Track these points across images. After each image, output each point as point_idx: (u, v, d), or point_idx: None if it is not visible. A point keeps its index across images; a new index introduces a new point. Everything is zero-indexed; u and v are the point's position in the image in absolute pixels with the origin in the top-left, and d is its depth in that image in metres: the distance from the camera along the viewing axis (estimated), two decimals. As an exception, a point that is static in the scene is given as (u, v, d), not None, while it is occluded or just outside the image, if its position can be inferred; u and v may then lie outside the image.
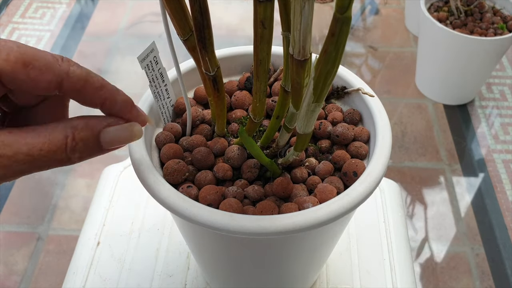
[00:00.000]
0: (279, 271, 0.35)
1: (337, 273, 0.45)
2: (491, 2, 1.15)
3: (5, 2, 1.60)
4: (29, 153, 0.21)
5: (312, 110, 0.24)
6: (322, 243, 0.34)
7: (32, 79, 0.21)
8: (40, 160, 0.22)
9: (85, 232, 0.49)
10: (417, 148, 1.15)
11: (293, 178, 0.31)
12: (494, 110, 1.24)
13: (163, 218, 0.49)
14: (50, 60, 0.21)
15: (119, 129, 0.24)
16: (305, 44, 0.21)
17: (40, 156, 0.22)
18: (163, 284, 0.44)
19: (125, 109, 0.25)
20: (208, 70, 0.27)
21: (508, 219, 1.01)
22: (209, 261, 0.37)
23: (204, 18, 0.24)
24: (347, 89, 0.35)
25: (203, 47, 0.25)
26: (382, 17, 1.54)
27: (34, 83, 0.21)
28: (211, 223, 0.26)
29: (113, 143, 0.24)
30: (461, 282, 0.92)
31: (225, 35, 1.47)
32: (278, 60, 0.37)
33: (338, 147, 0.33)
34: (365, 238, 0.47)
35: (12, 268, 0.91)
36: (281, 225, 0.26)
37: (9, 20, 1.54)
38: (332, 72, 0.21)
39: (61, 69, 0.22)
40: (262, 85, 0.28)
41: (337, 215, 0.26)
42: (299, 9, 0.20)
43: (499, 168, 1.11)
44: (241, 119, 0.34)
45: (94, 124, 0.23)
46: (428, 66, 1.21)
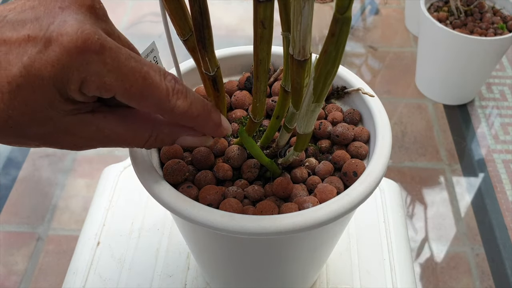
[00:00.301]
0: (279, 271, 0.35)
1: (337, 273, 0.45)
2: (491, 2, 1.15)
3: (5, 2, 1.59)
4: (116, 141, 0.24)
5: (312, 110, 0.24)
6: (322, 243, 0.34)
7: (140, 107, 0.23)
8: (119, 145, 0.25)
9: (85, 232, 0.49)
10: (417, 148, 1.15)
11: (293, 178, 0.31)
12: (494, 110, 1.24)
13: (163, 218, 0.49)
14: (163, 98, 0.23)
15: (195, 140, 0.27)
16: (305, 44, 0.21)
17: (124, 143, 0.25)
18: (163, 284, 0.44)
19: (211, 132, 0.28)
20: (208, 70, 0.27)
21: (508, 219, 1.01)
22: (209, 261, 0.37)
23: (203, 18, 0.24)
24: (347, 89, 0.35)
25: (202, 47, 0.25)
26: (382, 17, 1.54)
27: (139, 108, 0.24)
28: (211, 223, 0.26)
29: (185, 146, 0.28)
30: (461, 282, 0.92)
31: (224, 35, 1.47)
32: (278, 60, 0.37)
33: (338, 147, 0.33)
34: (365, 238, 0.47)
35: (12, 268, 0.91)
36: (281, 225, 0.26)
37: (9, 20, 1.53)
38: (332, 72, 0.21)
39: (168, 105, 0.24)
40: (262, 85, 0.28)
41: (337, 215, 0.26)
42: (299, 9, 0.20)
43: (499, 168, 1.11)
44: (241, 119, 0.34)
45: (176, 132, 0.26)
46: (428, 66, 1.21)
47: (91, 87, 0.21)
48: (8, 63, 0.20)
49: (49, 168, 1.07)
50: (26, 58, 0.20)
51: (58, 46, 0.20)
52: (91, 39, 0.20)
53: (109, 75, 0.21)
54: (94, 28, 0.21)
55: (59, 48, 0.20)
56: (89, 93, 0.22)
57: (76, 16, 0.21)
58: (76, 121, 0.22)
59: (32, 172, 1.06)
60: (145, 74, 0.22)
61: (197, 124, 0.26)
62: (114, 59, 0.21)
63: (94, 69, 0.21)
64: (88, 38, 0.20)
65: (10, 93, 0.20)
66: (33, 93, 0.20)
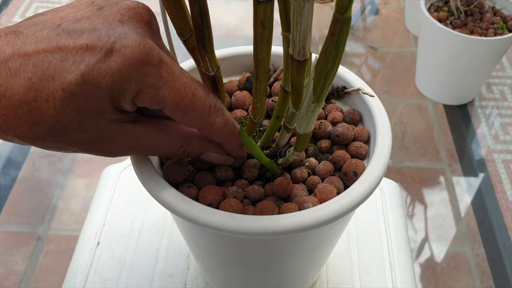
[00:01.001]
0: (279, 271, 0.35)
1: (337, 273, 0.45)
2: (491, 2, 1.15)
3: (5, 2, 1.60)
4: (149, 149, 0.26)
5: (312, 110, 0.24)
6: (322, 243, 0.34)
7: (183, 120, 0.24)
8: (152, 153, 0.27)
9: (85, 232, 0.49)
10: (417, 148, 1.15)
11: (293, 178, 0.31)
12: (494, 110, 1.24)
13: (163, 218, 0.49)
14: (206, 113, 0.25)
15: (218, 157, 0.29)
16: (305, 44, 0.21)
17: (155, 152, 0.26)
18: (163, 284, 0.44)
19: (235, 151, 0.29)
20: (208, 71, 0.27)
21: (508, 219, 1.01)
22: (209, 261, 0.37)
23: (203, 18, 0.24)
24: (347, 89, 0.35)
25: (203, 47, 0.25)
26: (382, 17, 1.54)
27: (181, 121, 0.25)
28: (211, 223, 0.26)
29: (207, 161, 0.29)
30: (461, 282, 0.92)
31: (224, 35, 1.47)
32: (278, 60, 0.37)
33: (338, 147, 0.33)
34: (365, 238, 0.47)
35: (12, 268, 0.91)
36: (281, 225, 0.26)
37: (9, 20, 1.54)
38: (332, 72, 0.21)
39: (209, 121, 0.25)
40: (262, 85, 0.28)
41: (337, 215, 0.26)
42: (299, 9, 0.20)
43: (499, 168, 1.11)
44: (241, 119, 0.34)
45: (204, 147, 0.28)
46: (428, 66, 1.21)
47: (145, 98, 0.22)
48: (63, 70, 0.20)
49: (49, 168, 1.07)
50: (83, 66, 0.20)
51: (120, 57, 0.21)
52: (152, 53, 0.21)
53: (164, 88, 0.22)
54: (153, 43, 0.22)
55: (121, 59, 0.21)
56: (141, 104, 0.23)
57: (136, 30, 0.22)
58: (118, 130, 0.23)
59: (32, 172, 1.06)
60: (194, 90, 0.24)
61: (226, 141, 0.28)
62: (170, 74, 0.22)
63: (151, 82, 0.22)
64: (150, 52, 0.21)
65: (63, 100, 0.20)
66: (86, 101, 0.21)
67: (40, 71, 0.20)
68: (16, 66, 0.20)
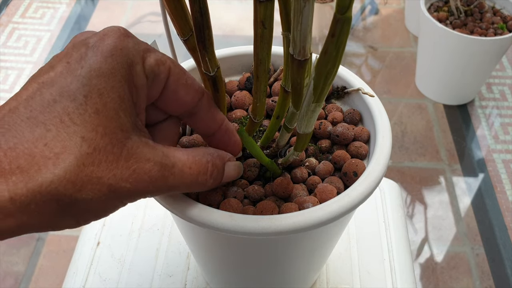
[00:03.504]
0: (279, 271, 0.35)
1: (337, 273, 0.45)
2: (491, 2, 1.15)
3: (5, 2, 1.60)
4: (182, 169, 0.23)
5: (312, 110, 0.24)
6: (322, 243, 0.34)
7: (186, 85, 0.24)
8: (186, 179, 0.23)
9: (85, 232, 0.49)
10: (417, 148, 1.15)
11: (293, 178, 0.31)
12: (494, 110, 1.24)
13: (163, 218, 0.49)
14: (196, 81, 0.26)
15: (236, 165, 0.27)
16: (305, 44, 0.21)
17: (188, 174, 0.23)
18: (163, 284, 0.44)
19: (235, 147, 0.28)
20: (208, 71, 0.27)
21: (508, 219, 1.01)
22: (209, 261, 0.37)
23: (204, 18, 0.24)
24: (347, 89, 0.35)
25: (203, 47, 0.25)
26: (382, 17, 1.54)
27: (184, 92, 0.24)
28: (211, 223, 0.26)
29: (228, 178, 0.27)
30: (461, 282, 0.92)
31: (224, 35, 1.47)
32: (278, 60, 0.37)
33: (338, 147, 0.33)
34: (365, 238, 0.47)
35: (12, 268, 0.91)
36: (281, 225, 0.26)
37: (9, 20, 1.54)
38: (332, 72, 0.21)
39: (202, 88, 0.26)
40: (262, 85, 0.28)
41: (337, 215, 0.26)
42: (299, 9, 0.20)
43: (499, 168, 1.11)
44: (241, 119, 0.34)
45: (223, 155, 0.26)
46: (428, 66, 1.21)
47: (151, 61, 0.22)
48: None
49: (49, 168, 1.07)
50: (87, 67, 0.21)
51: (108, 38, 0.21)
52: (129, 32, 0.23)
53: (157, 52, 0.23)
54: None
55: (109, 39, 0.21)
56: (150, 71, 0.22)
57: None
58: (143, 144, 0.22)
59: (32, 172, 1.06)
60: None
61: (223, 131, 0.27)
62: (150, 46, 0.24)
63: (145, 46, 0.23)
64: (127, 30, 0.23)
65: None
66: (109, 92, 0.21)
67: None
68: None
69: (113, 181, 0.20)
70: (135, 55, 0.22)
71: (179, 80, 0.24)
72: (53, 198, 0.19)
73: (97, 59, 0.21)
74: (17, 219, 0.18)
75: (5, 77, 1.36)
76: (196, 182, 0.24)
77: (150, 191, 0.22)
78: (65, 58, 0.21)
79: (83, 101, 0.20)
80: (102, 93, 0.20)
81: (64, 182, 0.19)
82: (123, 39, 0.22)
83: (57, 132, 0.19)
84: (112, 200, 0.21)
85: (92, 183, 0.20)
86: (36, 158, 0.19)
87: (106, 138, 0.20)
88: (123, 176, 0.21)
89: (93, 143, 0.20)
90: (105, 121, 0.20)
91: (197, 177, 0.24)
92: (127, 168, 0.21)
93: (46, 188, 0.19)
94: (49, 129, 0.19)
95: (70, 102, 0.20)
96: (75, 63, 0.21)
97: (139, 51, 0.22)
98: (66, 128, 0.19)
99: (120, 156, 0.21)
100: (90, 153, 0.20)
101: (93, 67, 0.21)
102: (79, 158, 0.19)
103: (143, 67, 0.22)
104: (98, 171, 0.20)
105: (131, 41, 0.22)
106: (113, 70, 0.21)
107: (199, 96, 0.25)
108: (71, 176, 0.19)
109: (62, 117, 0.19)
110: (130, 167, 0.21)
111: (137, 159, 0.21)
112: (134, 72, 0.22)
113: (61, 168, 0.19)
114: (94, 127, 0.20)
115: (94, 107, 0.20)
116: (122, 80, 0.21)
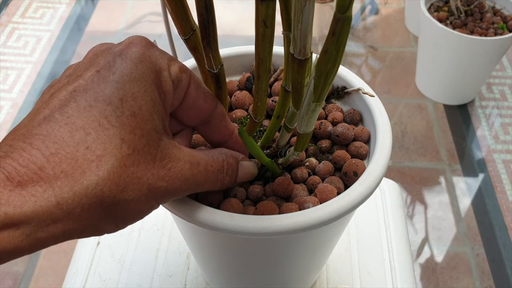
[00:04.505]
0: (279, 271, 0.35)
1: (337, 273, 0.45)
2: (491, 2, 1.15)
3: (5, 2, 1.59)
4: (205, 167, 0.24)
5: (312, 110, 0.24)
6: (322, 243, 0.34)
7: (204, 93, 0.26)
8: (210, 177, 0.25)
9: (85, 232, 0.49)
10: (417, 148, 1.15)
11: (293, 178, 0.31)
12: (494, 110, 1.24)
13: (163, 218, 0.49)
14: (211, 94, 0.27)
15: (249, 165, 0.28)
16: (305, 44, 0.21)
17: (211, 172, 0.25)
18: (163, 284, 0.44)
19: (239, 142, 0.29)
20: (211, 68, 0.27)
21: (508, 219, 1.01)
22: (209, 261, 0.37)
23: (209, 14, 0.24)
24: (347, 89, 0.35)
25: (207, 44, 0.25)
26: (382, 17, 1.54)
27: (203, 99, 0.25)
28: (211, 223, 0.26)
29: (244, 177, 0.28)
30: (461, 282, 0.92)
31: (223, 35, 1.47)
32: (278, 60, 0.37)
33: (338, 147, 0.33)
34: (365, 238, 0.47)
35: (11, 268, 0.91)
36: (281, 225, 0.25)
37: (9, 20, 1.54)
38: (333, 72, 0.21)
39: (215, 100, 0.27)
40: (263, 84, 0.28)
41: (337, 215, 0.26)
42: (300, 8, 0.20)
43: (499, 168, 1.11)
44: (241, 119, 0.34)
45: (235, 154, 0.27)
46: (428, 66, 1.21)
47: (175, 69, 0.23)
48: None
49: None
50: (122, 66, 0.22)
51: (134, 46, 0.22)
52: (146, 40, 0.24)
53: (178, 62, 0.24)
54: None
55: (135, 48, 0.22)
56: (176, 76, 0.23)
57: None
58: (172, 145, 0.23)
59: (32, 172, 1.06)
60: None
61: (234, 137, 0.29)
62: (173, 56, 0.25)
63: (169, 56, 0.24)
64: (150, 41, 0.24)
65: None
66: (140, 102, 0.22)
67: None
68: None
69: (152, 181, 0.21)
70: (162, 63, 0.23)
71: (198, 88, 0.25)
72: (97, 201, 0.19)
73: (128, 66, 0.21)
74: (64, 225, 0.19)
75: (5, 77, 1.36)
76: (216, 179, 0.25)
77: (183, 189, 0.23)
78: (92, 67, 0.21)
79: (119, 104, 0.20)
80: (137, 96, 0.21)
81: (108, 184, 0.19)
82: (149, 48, 0.23)
83: (97, 135, 0.20)
84: (150, 200, 0.22)
85: (134, 183, 0.20)
86: (79, 162, 0.19)
87: (143, 139, 0.21)
88: (160, 175, 0.22)
89: (132, 144, 0.20)
90: (141, 123, 0.21)
91: (217, 175, 0.25)
92: (163, 168, 0.22)
93: (92, 191, 0.19)
94: (89, 132, 0.20)
95: (107, 106, 0.20)
96: (105, 71, 0.21)
97: (164, 59, 0.23)
98: (105, 131, 0.20)
99: (156, 156, 0.21)
100: (130, 154, 0.20)
101: (125, 72, 0.21)
102: (120, 159, 0.20)
103: (170, 73, 0.23)
104: (138, 171, 0.21)
105: (157, 49, 0.23)
106: (144, 75, 0.22)
107: (215, 104, 0.26)
108: (115, 177, 0.20)
109: (100, 121, 0.20)
110: (165, 166, 0.22)
111: (170, 159, 0.22)
112: (162, 78, 0.22)
113: (104, 170, 0.19)
114: (132, 129, 0.20)
115: (130, 109, 0.21)
116: (153, 85, 0.22)
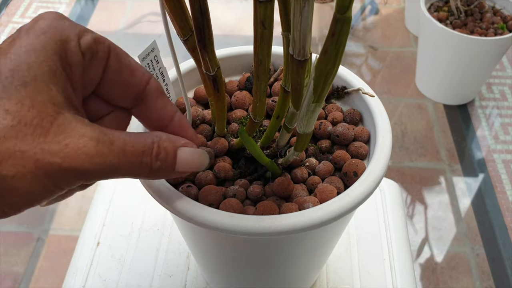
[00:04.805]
0: (279, 271, 0.35)
1: (337, 273, 0.45)
2: (491, 2, 1.15)
3: (5, 2, 1.59)
4: (122, 147, 0.21)
5: (312, 110, 0.24)
6: (322, 243, 0.34)
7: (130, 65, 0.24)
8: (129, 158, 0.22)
9: (85, 232, 0.49)
10: (417, 148, 1.15)
11: (293, 178, 0.31)
12: (494, 110, 1.24)
13: (163, 218, 0.49)
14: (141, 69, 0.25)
15: (194, 152, 0.25)
16: (305, 44, 0.21)
17: (130, 153, 0.22)
18: (163, 284, 0.44)
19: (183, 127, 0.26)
20: (208, 70, 0.27)
21: (508, 219, 1.01)
22: (209, 261, 0.37)
23: (204, 18, 0.24)
24: (347, 89, 0.35)
25: (203, 47, 0.25)
26: (382, 17, 1.54)
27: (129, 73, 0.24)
28: (211, 223, 0.26)
29: (185, 166, 0.25)
30: (461, 282, 0.92)
31: (223, 35, 1.47)
32: (278, 60, 0.37)
33: (338, 147, 0.33)
34: (365, 238, 0.47)
35: (12, 268, 0.91)
36: (281, 225, 0.26)
37: (9, 20, 1.53)
38: (332, 72, 0.21)
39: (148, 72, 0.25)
40: (262, 85, 0.28)
41: (337, 215, 0.26)
42: (299, 9, 0.20)
43: (499, 168, 1.11)
44: (241, 119, 0.34)
45: (174, 139, 0.24)
46: (428, 66, 1.21)
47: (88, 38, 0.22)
48: None
49: (49, 168, 1.07)
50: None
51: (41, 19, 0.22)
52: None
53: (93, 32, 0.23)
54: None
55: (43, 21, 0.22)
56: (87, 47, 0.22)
57: None
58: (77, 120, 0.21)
59: (32, 172, 1.06)
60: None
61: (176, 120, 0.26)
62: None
63: (82, 27, 0.22)
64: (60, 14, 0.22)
65: None
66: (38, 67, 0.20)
67: None
68: None
69: (40, 156, 0.19)
70: (70, 32, 0.21)
71: (121, 60, 0.23)
72: None
73: (29, 38, 0.20)
74: None
75: (5, 77, 1.36)
76: (141, 162, 0.22)
77: (87, 169, 0.20)
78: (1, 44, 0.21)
79: (8, 74, 0.19)
80: (31, 66, 0.20)
81: None
82: (58, 20, 0.22)
83: None
84: (39, 179, 0.19)
85: (15, 157, 0.18)
86: None
87: (34, 110, 0.19)
88: (52, 150, 0.19)
89: (18, 116, 0.19)
90: (33, 94, 0.19)
91: (141, 157, 0.22)
92: (57, 143, 0.20)
93: None
94: None
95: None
96: (6, 46, 0.20)
97: (75, 29, 0.22)
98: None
99: (49, 130, 0.19)
100: (15, 125, 0.19)
101: (23, 44, 0.20)
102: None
103: (79, 44, 0.22)
104: (22, 144, 0.19)
105: (67, 21, 0.22)
106: (44, 45, 0.20)
107: (146, 79, 0.24)
108: None
109: None
110: (61, 142, 0.20)
111: (69, 134, 0.20)
112: (67, 48, 0.21)
113: None
114: (20, 99, 0.19)
115: (21, 79, 0.19)
116: (54, 55, 0.21)
